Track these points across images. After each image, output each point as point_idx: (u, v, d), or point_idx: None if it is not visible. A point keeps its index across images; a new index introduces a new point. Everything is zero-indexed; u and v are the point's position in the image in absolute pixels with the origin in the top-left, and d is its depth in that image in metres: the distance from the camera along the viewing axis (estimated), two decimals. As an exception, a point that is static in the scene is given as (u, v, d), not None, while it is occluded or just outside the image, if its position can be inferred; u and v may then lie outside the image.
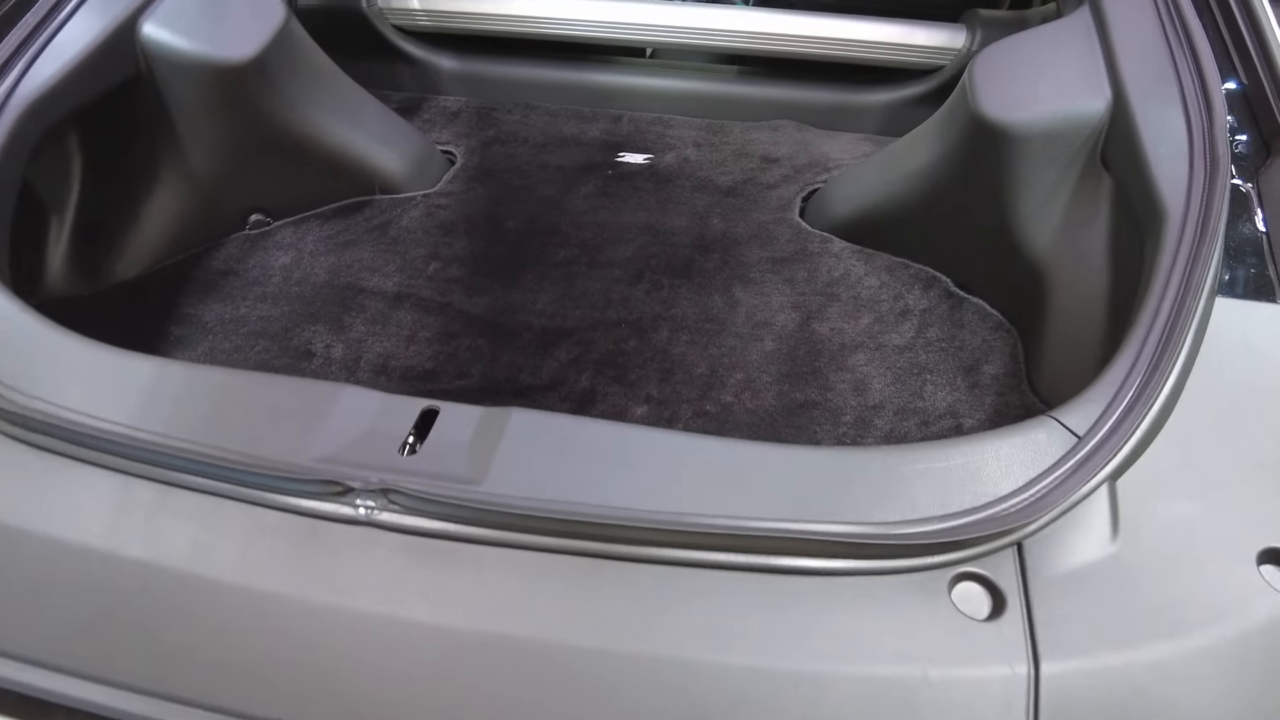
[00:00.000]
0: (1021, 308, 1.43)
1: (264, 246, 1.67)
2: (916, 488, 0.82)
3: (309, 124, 1.65)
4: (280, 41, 1.56)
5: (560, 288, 1.58)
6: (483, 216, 1.76)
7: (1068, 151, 1.29)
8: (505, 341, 1.46)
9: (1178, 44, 1.24)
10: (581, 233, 1.72)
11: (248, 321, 1.49)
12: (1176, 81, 1.20)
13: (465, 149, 1.99)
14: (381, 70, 2.21)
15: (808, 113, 2.09)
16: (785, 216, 1.76)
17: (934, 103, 2.01)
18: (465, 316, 1.51)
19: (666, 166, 1.94)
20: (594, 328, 1.49)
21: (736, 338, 1.46)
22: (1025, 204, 1.35)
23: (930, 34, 1.95)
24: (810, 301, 1.53)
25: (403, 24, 2.16)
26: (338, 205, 1.76)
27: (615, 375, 1.39)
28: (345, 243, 1.67)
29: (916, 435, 1.29)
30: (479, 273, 1.61)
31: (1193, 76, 1.19)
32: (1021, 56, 1.39)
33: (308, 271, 1.60)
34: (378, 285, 1.57)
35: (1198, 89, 1.17)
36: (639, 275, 1.60)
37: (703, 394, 1.36)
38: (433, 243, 1.68)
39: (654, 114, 2.14)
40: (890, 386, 1.37)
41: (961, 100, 1.41)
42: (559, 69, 2.20)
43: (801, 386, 1.37)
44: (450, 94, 2.22)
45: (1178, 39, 1.25)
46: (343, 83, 1.76)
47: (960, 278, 1.54)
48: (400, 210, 1.76)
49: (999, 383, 1.37)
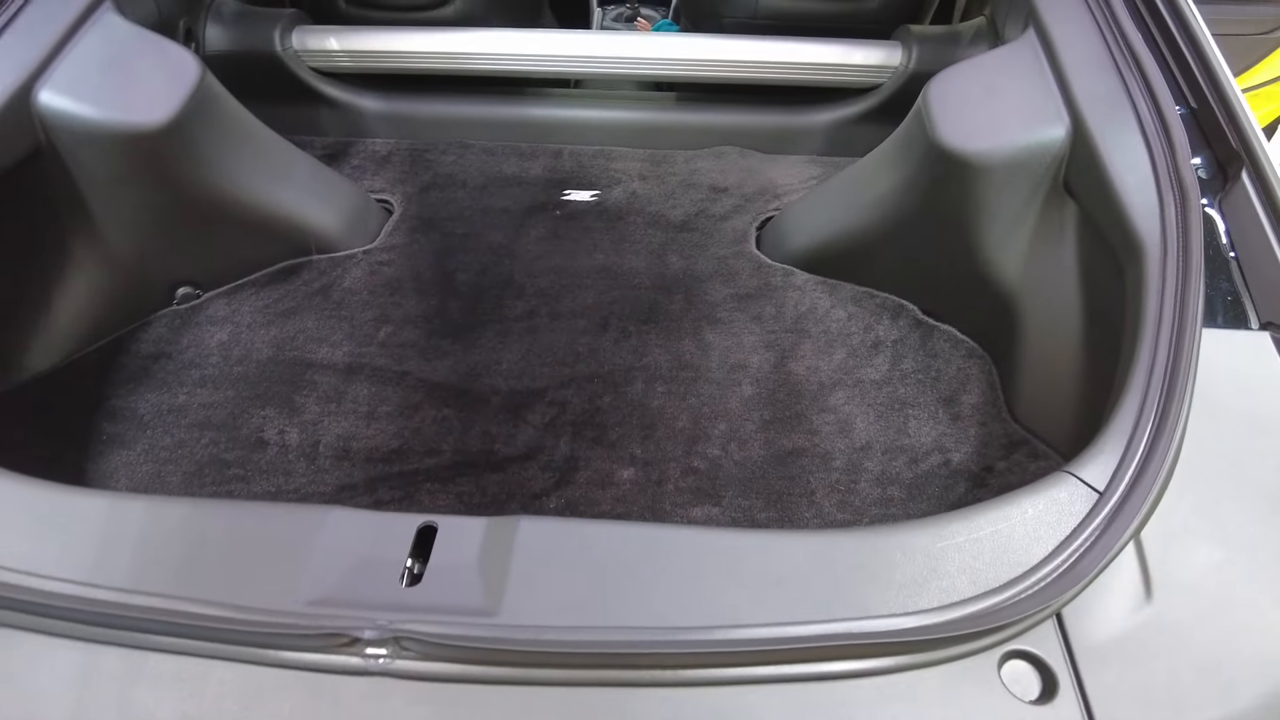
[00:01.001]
0: (993, 334, 1.43)
1: (196, 323, 1.54)
2: (950, 564, 0.79)
3: (234, 186, 1.54)
4: (197, 100, 1.44)
5: (524, 344, 1.51)
6: (431, 271, 1.67)
7: (1031, 180, 1.30)
8: (473, 409, 1.38)
9: (1127, 68, 1.26)
10: (537, 281, 1.65)
11: (188, 411, 1.37)
12: (1131, 106, 1.22)
13: (402, 196, 1.90)
14: (302, 116, 2.09)
15: (750, 137, 2.07)
16: (743, 250, 1.73)
17: (875, 121, 2.02)
18: (426, 385, 1.42)
19: (615, 202, 1.88)
20: (565, 385, 1.42)
21: (714, 384, 1.42)
22: (991, 232, 1.36)
23: (867, 53, 1.95)
24: (782, 340, 1.50)
25: (321, 66, 2.05)
26: (273, 270, 1.65)
27: (595, 436, 1.33)
28: (285, 311, 1.56)
29: (908, 475, 1.28)
30: (435, 334, 1.53)
31: (1146, 101, 1.21)
32: (975, 84, 1.39)
33: (248, 348, 1.49)
34: (327, 357, 1.47)
35: (1153, 114, 1.19)
36: (604, 323, 1.55)
37: (688, 449, 1.31)
38: (380, 304, 1.59)
39: (595, 147, 2.08)
40: (874, 425, 1.35)
41: (918, 129, 1.40)
42: (491, 104, 2.12)
43: (787, 432, 1.34)
44: (377, 136, 2.11)
45: (1126, 63, 1.27)
46: (267, 138, 1.64)
47: (927, 305, 1.54)
48: (341, 270, 1.66)
49: (980, 412, 1.37)
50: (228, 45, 1.98)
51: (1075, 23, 1.36)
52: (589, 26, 3.17)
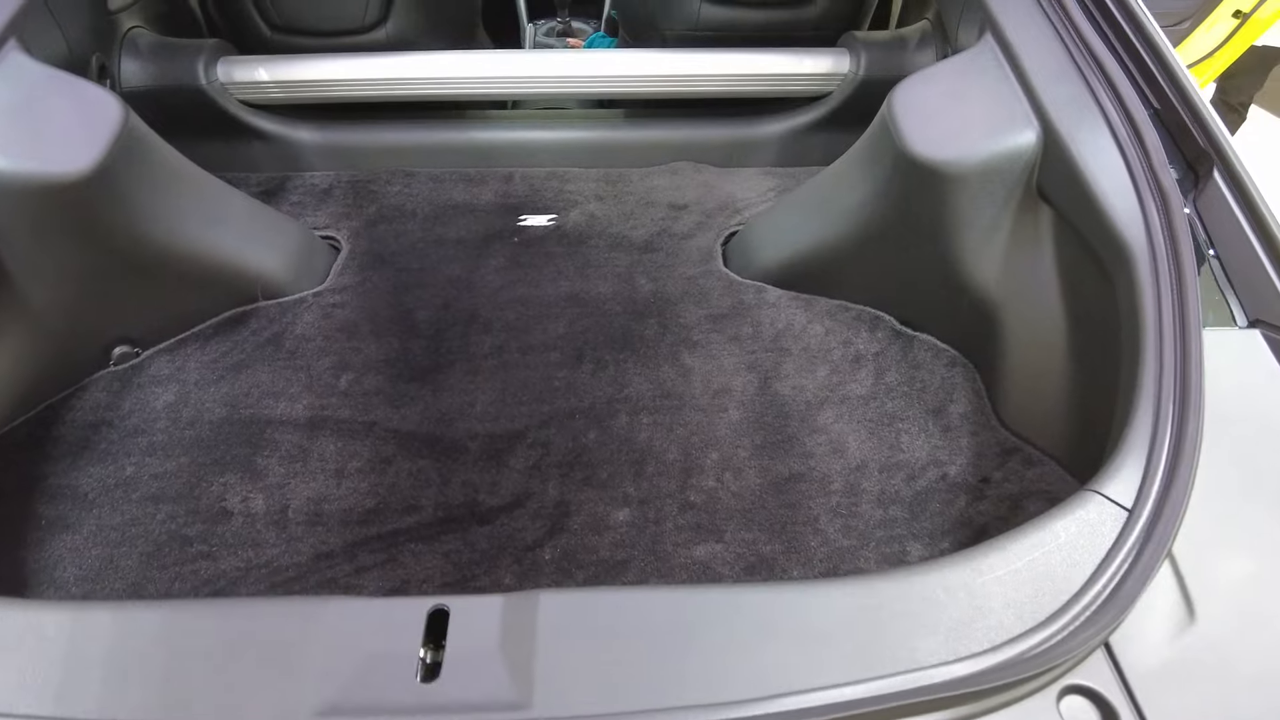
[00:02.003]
0: (973, 341, 1.43)
1: (138, 384, 1.42)
2: (993, 600, 0.77)
3: (169, 234, 1.42)
4: (122, 144, 1.33)
5: (496, 382, 1.43)
6: (388, 310, 1.58)
7: (1004, 186, 1.29)
8: (451, 458, 1.30)
9: (1090, 71, 1.26)
10: (503, 314, 1.58)
11: (139, 484, 1.26)
12: (1099, 110, 1.22)
13: (349, 232, 1.80)
14: (233, 152, 1.98)
15: (703, 152, 2.04)
16: (711, 268, 1.69)
17: (828, 129, 2.02)
18: (397, 435, 1.34)
19: (574, 226, 1.83)
20: (546, 424, 1.36)
21: (699, 411, 1.38)
22: (966, 240, 1.35)
23: (815, 61, 1.94)
24: (762, 360, 1.47)
25: (250, 98, 1.94)
26: (217, 320, 1.54)
27: (584, 477, 1.27)
28: (236, 365, 1.46)
29: (907, 492, 1.25)
30: (400, 378, 1.44)
31: (1114, 104, 1.21)
32: (939, 92, 1.38)
33: (199, 409, 1.38)
34: (286, 413, 1.37)
35: (1122, 117, 1.19)
36: (579, 355, 1.49)
37: (683, 483, 1.26)
38: (338, 350, 1.49)
39: (546, 169, 2.02)
40: (867, 443, 1.33)
41: (884, 138, 1.39)
42: (434, 130, 2.04)
43: (781, 457, 1.30)
44: (315, 169, 2.01)
45: (1089, 67, 1.27)
46: (201, 179, 1.53)
47: (904, 315, 1.52)
48: (291, 316, 1.56)
49: (969, 421, 1.36)
50: (147, 81, 1.85)
51: (1033, 28, 1.37)
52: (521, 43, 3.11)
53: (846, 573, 1.15)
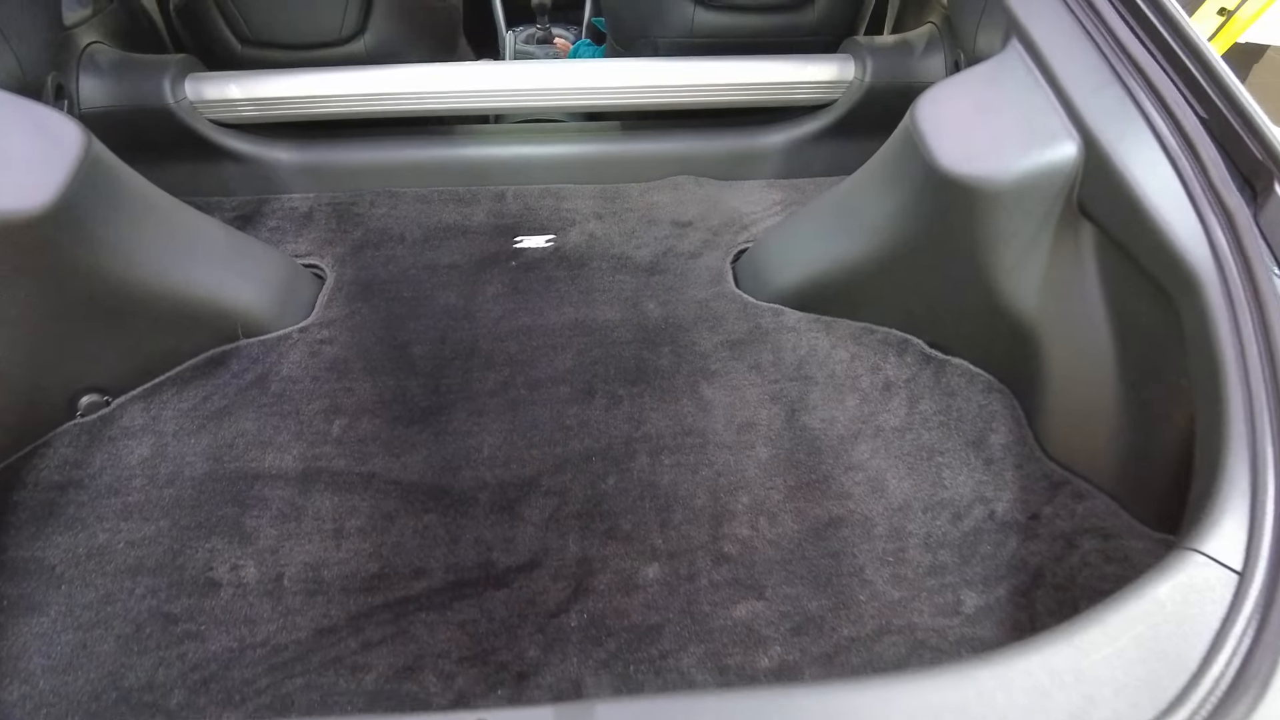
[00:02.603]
0: (1010, 365, 1.35)
1: (109, 437, 1.30)
2: (1104, 686, 0.68)
3: (138, 270, 1.30)
4: (85, 176, 1.21)
5: (503, 423, 1.33)
6: (380, 345, 1.47)
7: (1043, 203, 1.21)
8: (459, 511, 1.20)
9: (1131, 78, 1.19)
10: (505, 346, 1.48)
11: (114, 553, 1.13)
12: (1144, 119, 1.15)
13: (333, 259, 1.68)
14: (204, 175, 1.85)
15: (704, 164, 1.95)
16: (723, 289, 1.60)
17: (833, 138, 1.94)
18: (399, 487, 1.23)
19: (574, 247, 1.72)
20: (560, 468, 1.26)
21: (725, 449, 1.29)
22: (1003, 259, 1.27)
23: (819, 68, 1.86)
24: (787, 390, 1.38)
25: (222, 117, 1.81)
26: (195, 362, 1.41)
27: (606, 529, 1.17)
28: (217, 412, 1.34)
29: (954, 534, 1.17)
30: (398, 422, 1.33)
31: (1160, 113, 1.14)
32: (966, 102, 1.30)
33: (178, 463, 1.25)
34: (275, 465, 1.25)
35: (1171, 127, 1.12)
36: (590, 389, 1.39)
37: (714, 532, 1.17)
38: (328, 392, 1.38)
39: (540, 185, 1.92)
40: (907, 479, 1.24)
41: (909, 152, 1.30)
42: (419, 146, 1.92)
43: (817, 498, 1.21)
44: (294, 191, 1.89)
45: (1129, 73, 1.20)
46: (172, 209, 1.41)
47: (933, 337, 1.44)
48: (276, 355, 1.44)
49: (1011, 453, 1.28)
50: (108, 101, 1.72)
51: (1063, 32, 1.29)
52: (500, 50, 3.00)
53: (900, 628, 1.06)
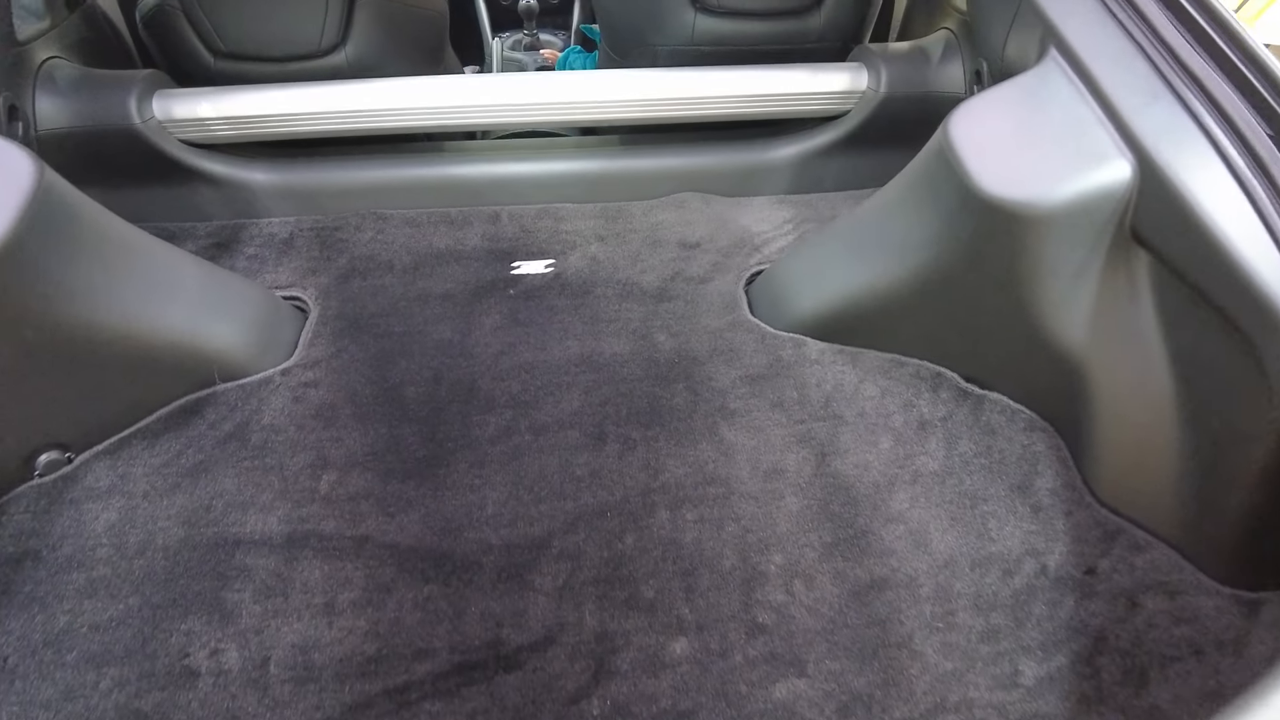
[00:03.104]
0: (1055, 401, 1.25)
1: (71, 500, 1.17)
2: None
3: (102, 314, 1.18)
4: (37, 211, 1.09)
5: (508, 475, 1.22)
6: (370, 388, 1.35)
7: (1093, 229, 1.12)
8: (463, 580, 1.08)
9: (1187, 90, 1.09)
10: (507, 385, 1.36)
11: (76, 639, 1.01)
12: (1205, 137, 1.05)
13: (317, 291, 1.56)
14: (176, 199, 1.72)
15: (709, 180, 1.85)
16: (738, 318, 1.49)
17: (844, 151, 1.84)
18: (395, 553, 1.11)
19: (576, 272, 1.61)
20: (573, 526, 1.15)
21: (751, 501, 1.18)
22: (1049, 289, 1.17)
23: (830, 78, 1.76)
24: (815, 431, 1.28)
25: (194, 137, 1.69)
26: (167, 412, 1.29)
27: (627, 597, 1.06)
28: (193, 469, 1.21)
29: (1006, 593, 1.07)
30: (392, 476, 1.21)
31: (1224, 130, 1.04)
32: (1004, 120, 1.20)
33: (150, 530, 1.13)
34: (258, 529, 1.14)
35: (1238, 146, 1.03)
36: (600, 433, 1.28)
37: (746, 598, 1.06)
38: (314, 442, 1.26)
39: (537, 205, 1.81)
40: (950, 532, 1.14)
41: (944, 173, 1.21)
42: (407, 165, 1.81)
43: (857, 556, 1.11)
44: (273, 215, 1.77)
45: (1184, 84, 1.10)
46: (138, 244, 1.29)
47: (969, 370, 1.34)
48: (256, 401, 1.32)
49: (1059, 498, 1.18)
50: (69, 121, 1.59)
51: (1108, 42, 1.19)
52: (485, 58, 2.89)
53: (956, 704, 0.96)
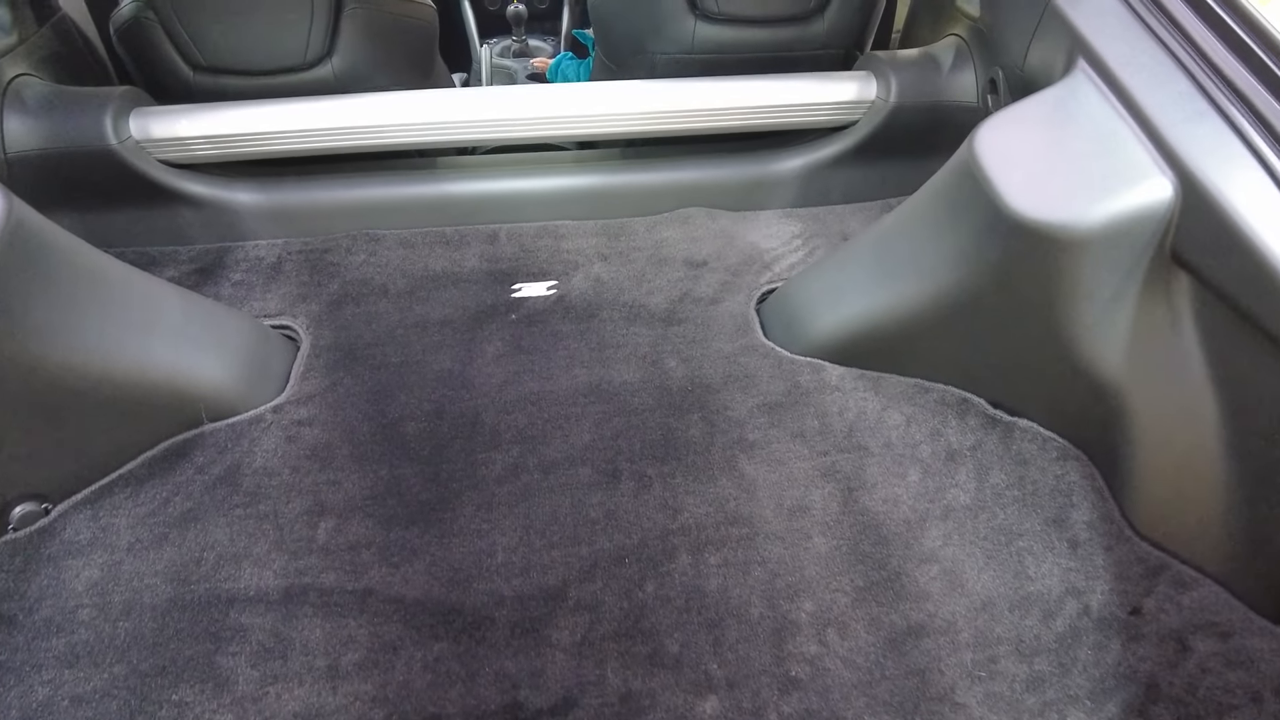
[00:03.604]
0: (1089, 429, 1.20)
1: (49, 556, 1.09)
2: None
3: (79, 355, 1.10)
4: (7, 249, 1.01)
5: (517, 518, 1.15)
6: (368, 425, 1.28)
7: (1132, 251, 1.06)
8: (474, 637, 1.01)
9: (1230, 104, 1.04)
10: (512, 419, 1.29)
11: (55, 713, 0.93)
12: (1250, 153, 1.00)
13: (308, 319, 1.49)
14: (156, 223, 1.64)
15: (714, 194, 1.79)
16: (751, 342, 1.43)
17: (852, 162, 1.78)
18: (400, 607, 1.04)
19: (580, 294, 1.55)
20: (589, 574, 1.08)
21: (777, 542, 1.12)
22: (1084, 315, 1.12)
23: (839, 87, 1.70)
24: (839, 463, 1.22)
25: (174, 157, 1.60)
26: (151, 456, 1.21)
27: (651, 653, 1.00)
28: (181, 518, 1.14)
29: (1048, 637, 1.02)
30: (394, 522, 1.14)
31: (1272, 146, 0.99)
32: (1034, 137, 1.15)
33: (135, 588, 1.06)
34: (253, 584, 1.06)
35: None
36: (613, 470, 1.21)
37: (777, 650, 1.00)
38: (310, 486, 1.19)
39: (536, 223, 1.74)
40: (986, 571, 1.09)
41: (972, 192, 1.15)
42: (398, 183, 1.73)
43: (891, 601, 1.05)
44: (259, 237, 1.69)
45: (1226, 97, 1.05)
46: (117, 278, 1.21)
47: (995, 396, 1.29)
48: (247, 442, 1.24)
49: (1097, 531, 1.13)
50: (41, 142, 1.51)
51: (1143, 53, 1.14)
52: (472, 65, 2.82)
53: None
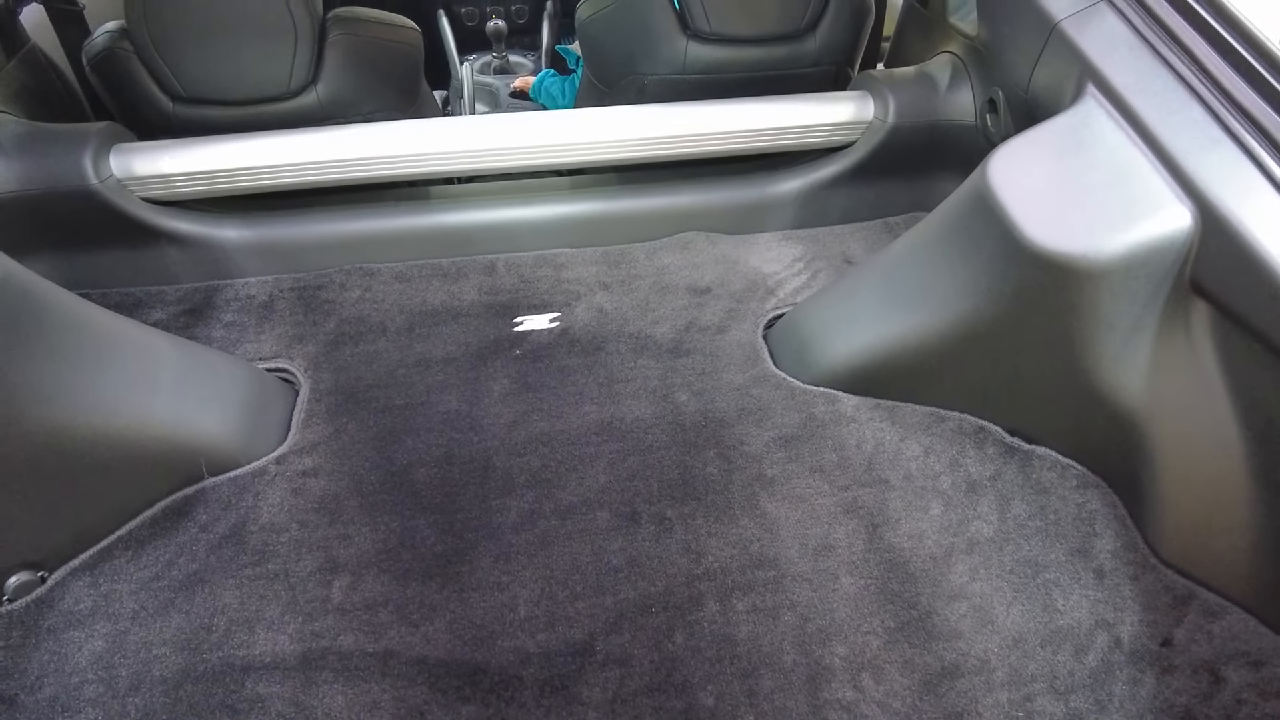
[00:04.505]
0: (1109, 457, 1.20)
1: (48, 628, 1.04)
2: None
3: (74, 416, 1.05)
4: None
5: (537, 568, 1.12)
6: (375, 473, 1.24)
7: (1151, 281, 1.06)
8: (503, 698, 0.98)
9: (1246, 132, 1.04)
10: (524, 461, 1.26)
11: (68, 804, 0.89)
12: (1268, 181, 1.00)
13: (305, 362, 1.44)
14: (141, 263, 1.59)
15: (712, 218, 1.77)
16: (762, 372, 1.41)
17: (850, 182, 1.77)
18: (424, 669, 1.01)
19: (584, 326, 1.52)
20: (615, 626, 1.05)
21: (804, 584, 1.10)
22: (1105, 346, 1.11)
23: (836, 108, 1.69)
24: (861, 498, 1.20)
25: (157, 195, 1.55)
26: (152, 515, 1.17)
27: (684, 709, 0.97)
28: (187, 581, 1.09)
29: (1082, 673, 1.01)
30: (410, 577, 1.11)
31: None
32: (1048, 166, 1.14)
33: (144, 660, 1.01)
34: (269, 650, 1.02)
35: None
36: (632, 513, 1.19)
37: (812, 697, 0.98)
38: (321, 541, 1.15)
39: (534, 252, 1.71)
40: (1015, 606, 1.08)
41: (983, 219, 1.14)
42: (391, 215, 1.69)
43: (925, 642, 1.04)
44: (249, 275, 1.64)
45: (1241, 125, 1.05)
46: (109, 332, 1.16)
47: (1012, 424, 1.28)
48: (251, 496, 1.20)
49: (1122, 560, 1.12)
50: (17, 184, 1.45)
51: (1154, 80, 1.14)
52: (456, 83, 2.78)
53: None
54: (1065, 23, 1.28)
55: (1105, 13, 1.24)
